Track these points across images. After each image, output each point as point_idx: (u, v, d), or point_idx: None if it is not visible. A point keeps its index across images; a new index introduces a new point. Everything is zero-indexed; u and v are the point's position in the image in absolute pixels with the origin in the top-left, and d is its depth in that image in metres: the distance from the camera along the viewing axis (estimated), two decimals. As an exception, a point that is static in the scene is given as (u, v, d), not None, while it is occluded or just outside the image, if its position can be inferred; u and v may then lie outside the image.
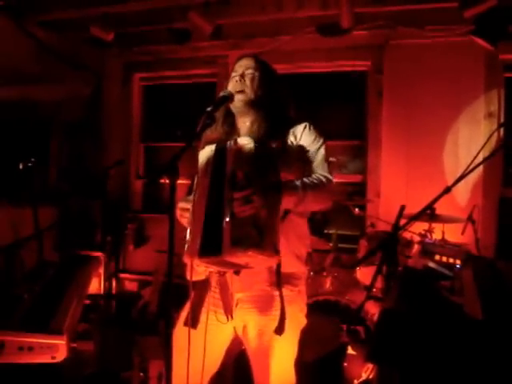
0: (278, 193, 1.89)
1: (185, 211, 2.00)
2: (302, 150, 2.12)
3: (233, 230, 1.76)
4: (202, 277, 2.05)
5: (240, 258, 1.81)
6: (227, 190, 1.81)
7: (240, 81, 2.16)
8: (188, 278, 1.93)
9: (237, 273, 1.96)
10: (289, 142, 2.13)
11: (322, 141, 2.16)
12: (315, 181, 2.01)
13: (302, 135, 2.15)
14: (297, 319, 2.12)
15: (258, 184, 1.82)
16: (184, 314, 2.10)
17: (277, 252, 1.82)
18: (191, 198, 1.99)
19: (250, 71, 2.18)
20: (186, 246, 1.87)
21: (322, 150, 2.14)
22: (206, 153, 1.98)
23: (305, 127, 2.17)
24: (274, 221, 1.87)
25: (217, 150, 1.95)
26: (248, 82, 2.16)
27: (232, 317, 2.07)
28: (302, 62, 4.68)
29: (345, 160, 4.16)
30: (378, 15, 4.24)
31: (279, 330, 1.97)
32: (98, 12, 4.35)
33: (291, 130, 2.16)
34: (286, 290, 2.02)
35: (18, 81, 4.88)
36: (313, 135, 2.16)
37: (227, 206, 1.78)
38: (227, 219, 1.77)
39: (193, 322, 2.04)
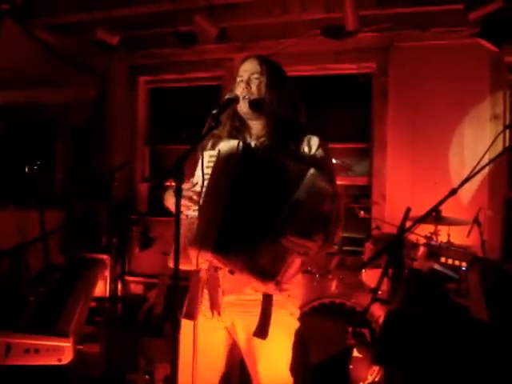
0: (331, 247, 1.95)
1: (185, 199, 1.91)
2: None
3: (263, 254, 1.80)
4: (192, 267, 1.97)
5: (243, 276, 1.88)
6: (285, 213, 1.81)
7: (246, 88, 2.09)
8: (192, 267, 1.90)
9: (232, 272, 1.94)
10: (301, 150, 2.09)
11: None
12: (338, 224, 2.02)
13: (316, 150, 2.09)
14: (286, 323, 2.08)
15: (320, 232, 1.83)
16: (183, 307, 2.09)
17: (278, 285, 1.87)
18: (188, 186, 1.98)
19: (255, 76, 2.10)
20: (194, 237, 1.86)
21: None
22: (227, 147, 1.95)
23: (320, 142, 2.11)
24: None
25: (250, 154, 1.94)
26: (254, 88, 2.10)
27: (219, 313, 2.05)
28: (307, 65, 4.68)
29: (350, 162, 4.14)
30: (383, 17, 4.24)
31: (259, 334, 1.95)
32: (103, 15, 4.37)
33: (305, 138, 2.12)
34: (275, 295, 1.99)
35: (25, 84, 4.91)
36: (326, 154, 2.12)
37: (275, 226, 1.80)
38: (268, 240, 1.79)
39: (190, 314, 2.04)
